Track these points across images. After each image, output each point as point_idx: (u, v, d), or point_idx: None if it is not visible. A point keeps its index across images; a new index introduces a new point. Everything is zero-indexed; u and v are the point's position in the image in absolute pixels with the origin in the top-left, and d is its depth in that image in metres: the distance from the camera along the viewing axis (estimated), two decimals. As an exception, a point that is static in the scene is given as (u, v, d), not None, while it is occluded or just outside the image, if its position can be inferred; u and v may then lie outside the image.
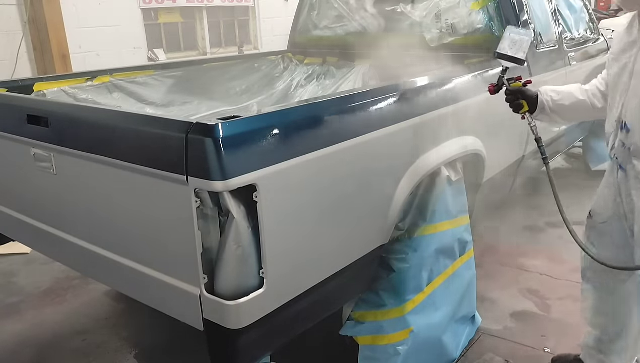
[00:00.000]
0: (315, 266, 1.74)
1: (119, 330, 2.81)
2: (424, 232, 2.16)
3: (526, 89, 1.93)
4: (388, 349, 2.18)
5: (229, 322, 1.51)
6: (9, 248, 3.46)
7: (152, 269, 1.71)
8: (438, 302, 2.28)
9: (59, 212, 2.05)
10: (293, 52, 3.97)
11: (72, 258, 2.10)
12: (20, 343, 2.72)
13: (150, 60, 5.89)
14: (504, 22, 2.99)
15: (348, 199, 1.80)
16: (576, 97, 1.96)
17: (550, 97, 1.94)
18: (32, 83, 2.71)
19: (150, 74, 3.26)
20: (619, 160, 1.76)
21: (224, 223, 1.49)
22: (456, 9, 3.10)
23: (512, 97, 1.92)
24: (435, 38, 3.15)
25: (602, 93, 1.95)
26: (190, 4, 6.38)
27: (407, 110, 2.04)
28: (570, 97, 1.96)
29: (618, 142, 1.74)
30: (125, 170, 1.64)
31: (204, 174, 1.40)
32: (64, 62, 4.86)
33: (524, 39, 1.90)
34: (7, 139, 2.13)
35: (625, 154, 1.72)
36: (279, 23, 7.03)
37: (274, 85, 3.75)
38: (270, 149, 1.51)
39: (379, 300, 2.17)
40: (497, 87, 1.96)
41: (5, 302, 3.15)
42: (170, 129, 1.52)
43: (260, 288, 1.53)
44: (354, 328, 2.25)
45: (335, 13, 3.73)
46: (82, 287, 3.24)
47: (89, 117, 1.85)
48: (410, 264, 2.13)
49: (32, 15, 4.74)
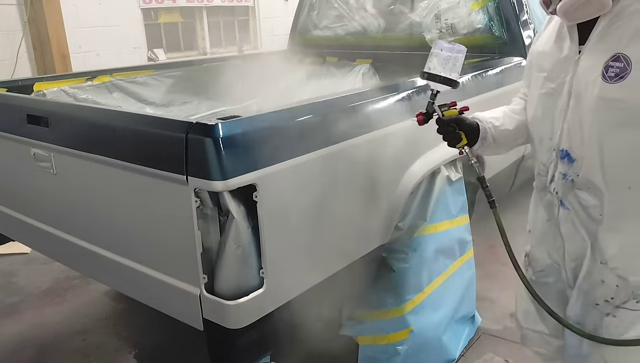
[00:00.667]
0: (316, 266, 1.74)
1: (119, 330, 2.81)
2: (424, 232, 2.16)
3: (463, 117, 1.59)
4: (388, 349, 2.18)
5: (229, 322, 1.51)
6: (9, 248, 3.46)
7: (152, 269, 1.71)
8: (438, 302, 2.28)
9: (59, 212, 2.05)
10: (293, 52, 3.97)
11: (72, 258, 2.10)
12: (20, 343, 2.72)
13: (150, 60, 5.89)
14: (504, 22, 2.99)
15: (348, 199, 1.80)
16: (517, 118, 1.66)
17: (491, 123, 1.62)
18: (32, 83, 2.71)
19: (150, 74, 3.26)
20: (560, 195, 1.47)
21: (224, 223, 1.49)
22: (456, 9, 3.10)
23: (446, 129, 1.57)
24: (436, 38, 3.14)
25: None
26: (190, 4, 6.39)
27: (407, 110, 2.04)
28: (512, 120, 1.65)
29: (558, 174, 1.46)
30: (125, 170, 1.64)
31: (204, 174, 1.40)
32: (64, 62, 4.86)
33: (457, 57, 1.57)
34: (7, 139, 2.13)
35: (567, 187, 1.44)
36: (279, 23, 7.03)
37: (274, 85, 3.75)
38: (270, 149, 1.51)
39: (379, 300, 2.17)
40: (427, 116, 1.61)
41: (5, 302, 3.15)
42: (170, 129, 1.52)
43: (260, 288, 1.53)
44: (354, 328, 2.25)
45: (335, 13, 3.72)
46: (82, 287, 3.24)
47: (89, 117, 1.85)
48: (410, 264, 2.13)
49: (32, 15, 4.74)
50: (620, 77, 1.25)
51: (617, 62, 1.25)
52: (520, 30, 2.98)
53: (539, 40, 1.56)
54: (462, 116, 1.59)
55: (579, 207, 1.43)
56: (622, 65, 1.24)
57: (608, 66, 1.27)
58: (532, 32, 3.06)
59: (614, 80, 1.26)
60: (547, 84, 1.47)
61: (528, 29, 3.03)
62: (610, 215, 1.37)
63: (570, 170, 1.42)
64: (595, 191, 1.37)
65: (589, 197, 1.39)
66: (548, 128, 1.47)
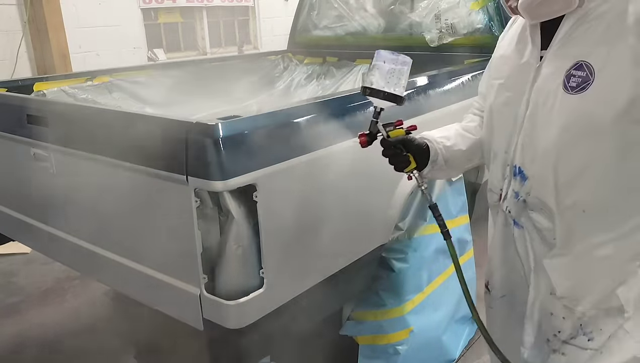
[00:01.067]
0: (316, 266, 1.74)
1: (119, 330, 2.81)
2: (424, 232, 2.16)
3: (411, 137, 1.40)
4: (388, 349, 2.18)
5: (229, 322, 1.51)
6: (9, 248, 3.46)
7: (152, 269, 1.71)
8: (438, 302, 2.28)
9: (59, 212, 2.04)
10: (293, 52, 3.97)
11: (72, 258, 2.10)
12: (20, 343, 2.72)
13: (150, 60, 5.89)
14: (504, 22, 2.99)
15: (348, 199, 1.80)
16: (470, 137, 1.49)
17: (442, 144, 1.44)
18: (32, 83, 2.71)
19: (150, 74, 3.26)
20: (513, 215, 1.34)
21: (224, 223, 1.49)
22: (456, 9, 3.10)
23: (393, 151, 1.38)
24: (435, 38, 3.14)
25: None
26: (190, 4, 6.38)
27: (407, 110, 2.04)
28: (464, 139, 1.48)
29: (511, 192, 1.32)
30: (125, 170, 1.64)
31: (204, 174, 1.40)
32: (64, 62, 4.86)
33: (402, 69, 1.37)
34: (7, 139, 2.13)
35: (520, 207, 1.31)
36: (279, 23, 7.03)
37: (274, 85, 3.75)
38: (270, 149, 1.51)
39: (379, 300, 2.17)
40: (370, 136, 1.40)
41: (6, 302, 3.15)
42: (170, 129, 1.52)
43: (260, 288, 1.53)
44: (354, 328, 2.25)
45: (335, 13, 3.72)
46: (82, 287, 3.24)
47: (89, 117, 1.85)
48: (410, 264, 2.13)
49: (32, 15, 4.74)
50: (581, 88, 1.12)
51: (579, 70, 1.12)
52: (520, 30, 2.97)
53: (500, 44, 1.42)
54: (410, 136, 1.40)
55: (532, 229, 1.31)
56: (585, 74, 1.11)
57: (570, 75, 1.14)
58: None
59: (575, 91, 1.13)
60: (503, 92, 1.33)
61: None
62: (561, 240, 1.25)
63: (522, 190, 1.29)
64: (548, 213, 1.25)
65: (542, 219, 1.27)
66: (503, 141, 1.33)
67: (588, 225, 1.21)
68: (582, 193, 1.19)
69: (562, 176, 1.19)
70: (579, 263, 1.25)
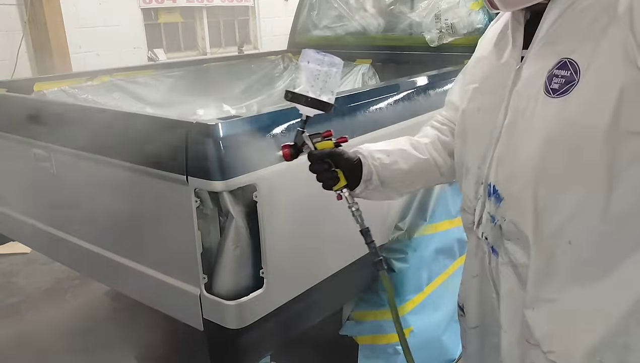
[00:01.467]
0: (316, 266, 1.74)
1: (119, 330, 2.81)
2: (424, 232, 2.16)
3: (341, 150, 1.24)
4: (388, 349, 2.18)
5: (229, 322, 1.51)
6: (9, 248, 3.46)
7: (152, 269, 1.71)
8: (438, 302, 2.28)
9: (59, 212, 2.05)
10: (293, 52, 3.97)
11: (72, 258, 2.10)
12: (21, 343, 2.72)
13: (150, 60, 5.89)
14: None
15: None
16: (417, 156, 1.29)
17: (379, 160, 1.26)
18: (32, 83, 2.71)
19: (150, 74, 3.26)
20: (490, 241, 1.15)
21: (224, 224, 1.49)
22: (456, 9, 3.10)
23: (320, 166, 1.23)
24: (436, 38, 3.15)
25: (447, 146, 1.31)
26: (190, 4, 6.39)
27: (408, 110, 2.04)
28: (408, 158, 1.28)
29: (486, 216, 1.14)
30: (125, 170, 1.64)
31: (204, 174, 1.40)
32: (64, 62, 4.86)
33: (330, 71, 1.19)
34: (7, 139, 2.13)
35: (496, 233, 1.12)
36: (279, 23, 7.03)
37: (274, 85, 3.75)
38: (270, 149, 1.51)
39: (379, 300, 2.17)
40: (295, 149, 1.25)
41: (5, 302, 3.15)
42: (170, 129, 1.52)
43: (260, 288, 1.53)
44: (354, 328, 2.25)
45: (335, 13, 3.72)
46: (82, 287, 3.24)
47: (89, 117, 1.85)
48: (410, 264, 2.13)
49: (32, 15, 4.74)
50: (564, 91, 0.95)
51: (563, 69, 0.96)
52: (520, 30, 2.97)
53: (478, 46, 1.28)
54: (339, 150, 1.24)
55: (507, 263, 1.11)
56: (569, 73, 0.95)
57: (552, 75, 0.97)
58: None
59: (557, 94, 0.96)
60: (478, 96, 1.16)
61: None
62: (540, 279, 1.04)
63: (498, 213, 1.10)
64: (524, 243, 1.05)
65: (518, 250, 1.07)
66: (477, 154, 1.14)
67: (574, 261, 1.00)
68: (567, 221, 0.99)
69: (542, 199, 1.00)
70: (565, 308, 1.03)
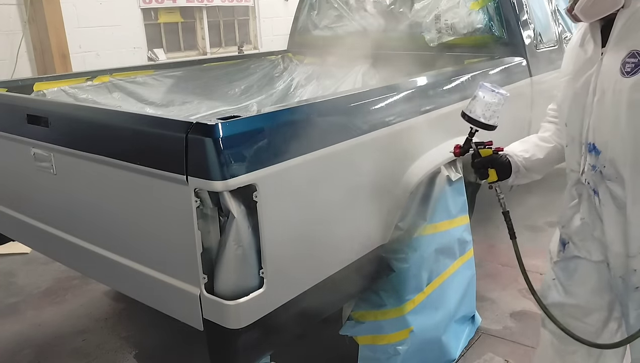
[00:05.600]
0: (316, 266, 1.74)
1: (119, 330, 2.81)
2: (424, 232, 2.16)
3: (497, 156, 1.72)
4: (388, 349, 2.18)
5: (229, 322, 1.51)
6: (9, 248, 3.46)
7: (152, 269, 1.71)
8: (438, 302, 2.28)
9: (59, 212, 2.05)
10: (293, 52, 3.97)
11: (72, 258, 2.10)
12: (20, 343, 2.72)
13: (150, 60, 5.89)
14: (504, 22, 2.99)
15: (348, 199, 1.80)
16: (546, 146, 1.78)
17: (522, 157, 1.76)
18: (32, 83, 2.71)
19: (150, 74, 3.26)
20: (592, 185, 1.57)
21: (224, 224, 1.49)
22: (456, 9, 3.10)
23: (480, 165, 1.70)
24: (435, 38, 3.15)
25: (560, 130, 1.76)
26: (190, 4, 6.38)
27: (407, 110, 2.04)
28: (541, 149, 1.78)
29: (588, 166, 1.56)
30: (125, 170, 1.64)
31: (204, 174, 1.40)
32: (64, 62, 4.86)
33: (500, 102, 1.67)
34: (7, 139, 2.13)
35: (598, 177, 1.54)
36: (279, 23, 7.03)
37: (274, 85, 3.76)
38: (270, 149, 1.51)
39: (379, 300, 2.17)
40: (464, 150, 1.76)
41: (5, 302, 3.15)
42: (170, 129, 1.52)
43: (260, 288, 1.53)
44: (354, 328, 2.25)
45: (335, 13, 3.73)
46: (82, 287, 3.25)
47: (89, 117, 1.85)
48: (410, 264, 2.13)
49: (32, 15, 4.74)
50: (635, 71, 1.37)
51: (633, 58, 1.38)
52: (520, 30, 2.98)
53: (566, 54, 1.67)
54: (496, 156, 1.70)
55: (609, 197, 1.52)
56: (637, 60, 1.37)
57: (625, 62, 1.39)
58: (532, 32, 3.05)
59: (630, 75, 1.38)
60: (572, 84, 1.56)
61: (528, 28, 3.03)
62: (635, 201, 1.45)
63: (598, 162, 1.51)
64: (621, 181, 1.46)
65: (617, 187, 1.48)
66: (578, 125, 1.56)
67: None
68: None
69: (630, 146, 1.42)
70: None
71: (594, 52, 1.50)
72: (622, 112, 1.41)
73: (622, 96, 1.41)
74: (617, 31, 1.44)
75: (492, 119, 1.67)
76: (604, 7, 1.42)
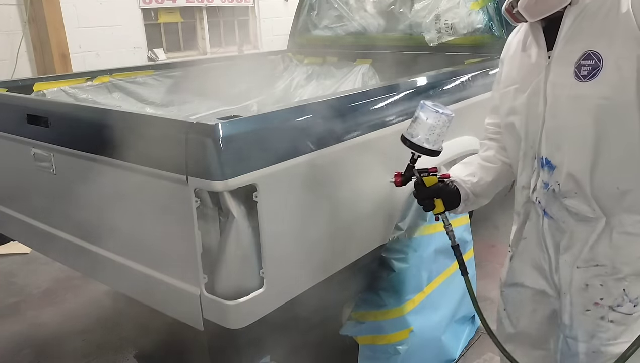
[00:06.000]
0: (315, 266, 1.74)
1: (119, 330, 2.81)
2: (424, 232, 2.16)
3: (443, 185, 1.53)
4: (388, 349, 2.18)
5: (229, 322, 1.51)
6: (9, 248, 3.46)
7: (152, 269, 1.71)
8: (438, 302, 2.28)
9: (59, 212, 2.05)
10: (293, 52, 3.97)
11: (72, 259, 2.10)
12: (20, 343, 2.72)
13: (150, 60, 5.89)
14: (504, 22, 2.99)
15: (348, 199, 1.80)
16: (492, 167, 1.60)
17: (470, 182, 1.58)
18: (32, 83, 2.71)
19: (150, 74, 3.26)
20: (542, 204, 1.41)
21: (224, 224, 1.49)
22: (456, 9, 3.10)
23: (425, 195, 1.53)
24: (435, 38, 3.15)
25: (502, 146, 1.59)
26: (190, 4, 6.38)
27: (408, 110, 2.04)
28: (488, 171, 1.60)
29: (540, 183, 1.40)
30: (125, 170, 1.64)
31: (204, 174, 1.40)
32: (64, 62, 4.85)
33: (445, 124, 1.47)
34: (7, 139, 2.13)
35: (550, 196, 1.38)
36: (279, 23, 7.02)
37: (274, 85, 3.75)
38: (270, 149, 1.51)
39: (379, 300, 2.17)
40: (405, 178, 1.54)
41: (5, 302, 3.15)
42: (170, 129, 1.52)
43: (260, 288, 1.53)
44: (354, 328, 2.25)
45: (335, 13, 3.72)
46: (82, 287, 3.24)
47: (89, 117, 1.85)
48: (410, 264, 2.13)
49: (32, 15, 4.74)
50: (592, 75, 1.22)
51: (588, 59, 1.23)
52: (520, 30, 2.97)
53: (505, 59, 1.54)
54: (442, 184, 1.53)
55: (566, 214, 1.37)
56: (593, 62, 1.22)
57: (580, 65, 1.24)
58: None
59: (587, 79, 1.23)
60: (519, 94, 1.41)
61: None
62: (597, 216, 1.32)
63: (552, 179, 1.36)
64: (582, 196, 1.32)
65: (576, 202, 1.34)
66: (530, 139, 1.41)
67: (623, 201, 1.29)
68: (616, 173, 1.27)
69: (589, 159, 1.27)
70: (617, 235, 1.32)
71: (539, 56, 1.35)
72: (583, 120, 1.26)
73: (581, 103, 1.25)
74: (565, 31, 1.27)
75: (438, 143, 1.47)
76: (551, 4, 1.26)
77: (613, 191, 1.29)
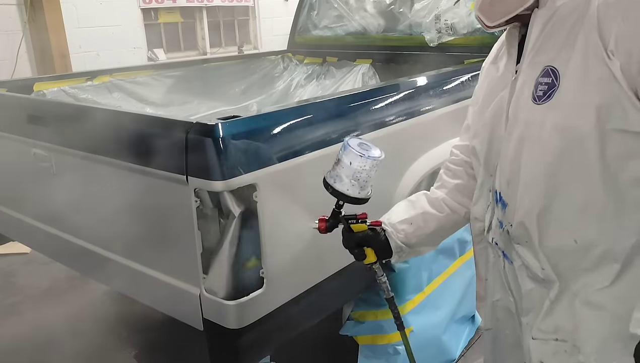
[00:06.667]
0: (315, 266, 1.73)
1: (119, 330, 2.81)
2: (424, 232, 2.15)
3: (373, 235, 1.35)
4: (388, 349, 2.18)
5: (229, 322, 1.51)
6: (9, 248, 3.46)
7: (152, 269, 1.71)
8: (438, 302, 2.28)
9: (59, 212, 2.04)
10: (293, 52, 3.97)
11: (72, 258, 2.10)
12: (20, 343, 2.72)
13: (150, 60, 5.89)
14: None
15: (348, 199, 1.79)
16: (436, 215, 1.35)
17: (403, 232, 1.35)
18: (32, 83, 2.71)
19: (150, 74, 3.26)
20: (501, 247, 1.18)
21: (224, 224, 1.49)
22: (456, 9, 3.10)
23: (353, 244, 1.35)
24: (435, 38, 3.15)
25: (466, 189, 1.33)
26: (190, 4, 6.38)
27: (407, 110, 2.04)
28: (431, 219, 1.35)
29: (495, 222, 1.18)
30: (125, 170, 1.64)
31: (204, 174, 1.40)
32: (64, 62, 4.85)
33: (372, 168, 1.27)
34: (7, 139, 2.13)
35: (505, 239, 1.15)
36: (279, 23, 7.02)
37: (274, 85, 3.75)
38: (270, 149, 1.51)
39: (379, 300, 2.17)
40: (331, 224, 1.36)
41: (5, 302, 3.15)
42: (170, 129, 1.52)
43: (260, 288, 1.53)
44: (354, 328, 2.25)
45: (335, 13, 3.72)
46: (82, 287, 3.24)
47: (89, 117, 1.85)
48: (410, 264, 2.13)
49: (32, 15, 4.74)
50: (547, 96, 1.00)
51: (546, 77, 1.01)
52: (520, 30, 2.97)
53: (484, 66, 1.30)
54: (372, 234, 1.35)
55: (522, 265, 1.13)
56: (551, 80, 1.00)
57: (537, 83, 1.02)
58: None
59: (542, 100, 1.01)
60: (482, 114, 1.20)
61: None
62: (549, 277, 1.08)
63: (505, 218, 1.14)
64: (530, 247, 1.09)
65: (527, 253, 1.10)
66: (489, 165, 1.19)
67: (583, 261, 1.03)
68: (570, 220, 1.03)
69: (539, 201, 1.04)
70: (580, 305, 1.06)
71: (506, 69, 1.13)
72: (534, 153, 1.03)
73: (533, 130, 1.02)
74: (533, 40, 1.05)
75: (365, 189, 1.28)
76: (509, 5, 1.03)
77: (570, 245, 1.03)
